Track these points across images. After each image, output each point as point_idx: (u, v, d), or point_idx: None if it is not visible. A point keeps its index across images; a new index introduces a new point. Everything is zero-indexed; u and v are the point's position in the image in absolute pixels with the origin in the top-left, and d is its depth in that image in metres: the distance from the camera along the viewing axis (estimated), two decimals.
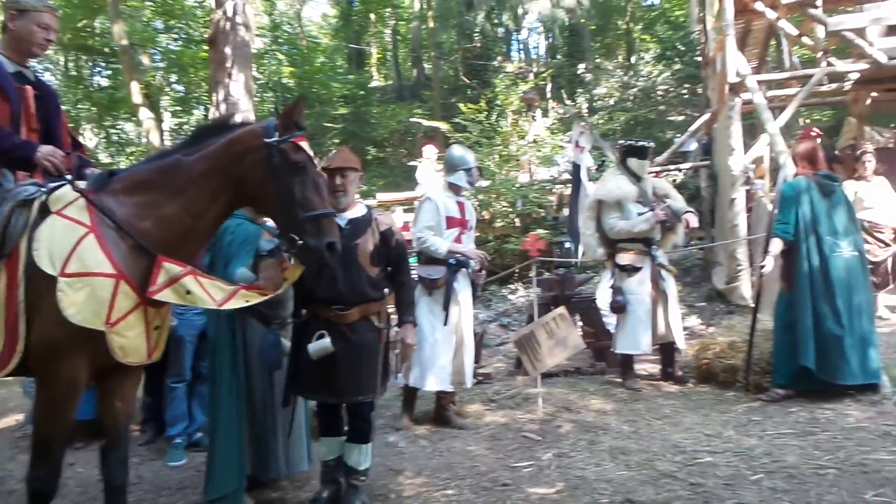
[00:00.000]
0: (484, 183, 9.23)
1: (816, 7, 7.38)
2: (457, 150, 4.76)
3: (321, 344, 2.95)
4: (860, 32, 7.34)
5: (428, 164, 10.22)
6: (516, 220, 9.44)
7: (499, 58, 19.55)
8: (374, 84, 22.25)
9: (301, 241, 2.48)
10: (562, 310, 4.76)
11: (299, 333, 3.10)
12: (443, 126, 12.40)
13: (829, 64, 7.52)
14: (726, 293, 7.31)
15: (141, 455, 4.19)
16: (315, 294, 3.04)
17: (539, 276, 6.13)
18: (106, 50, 17.59)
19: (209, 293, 2.45)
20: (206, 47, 11.24)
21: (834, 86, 8.30)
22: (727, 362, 4.89)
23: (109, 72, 19.28)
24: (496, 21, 18.80)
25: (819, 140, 5.32)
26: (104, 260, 2.31)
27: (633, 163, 5.25)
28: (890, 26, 7.46)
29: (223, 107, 8.91)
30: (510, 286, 8.88)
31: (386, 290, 3.25)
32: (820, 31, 7.53)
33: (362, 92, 19.77)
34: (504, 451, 3.88)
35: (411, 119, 16.43)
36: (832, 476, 3.08)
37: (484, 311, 8.44)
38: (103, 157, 18.50)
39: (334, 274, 2.98)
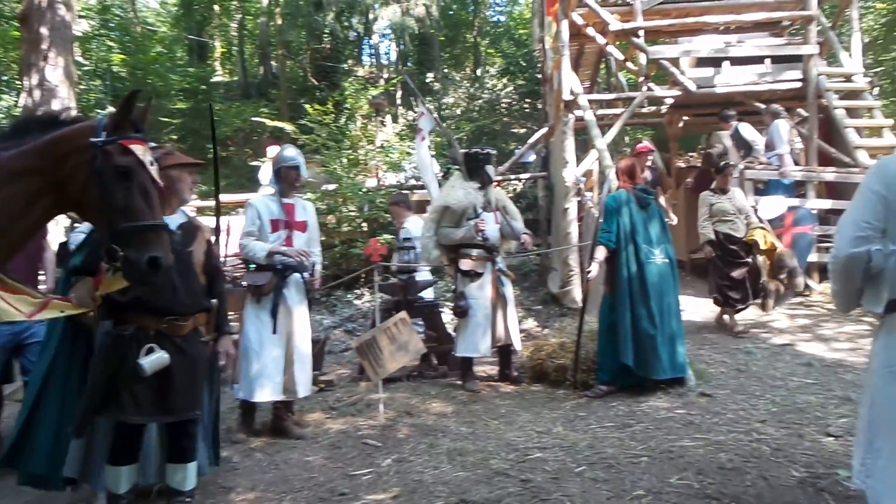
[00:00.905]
0: (330, 186, 9.10)
1: (639, 36, 8.13)
2: (286, 151, 4.62)
3: (158, 357, 2.74)
4: (675, 62, 8.20)
5: (272, 165, 9.87)
6: (363, 224, 9.40)
7: (349, 61, 19.39)
8: (217, 79, 21.14)
9: (122, 254, 2.28)
10: (403, 314, 4.78)
11: (114, 348, 2.77)
12: (289, 127, 12.06)
13: (649, 89, 8.31)
14: (560, 297, 7.77)
15: None
16: (148, 304, 2.80)
17: (384, 281, 6.13)
18: None
19: (14, 306, 2.26)
20: (17, 25, 10.03)
21: (653, 108, 9.18)
22: (558, 362, 5.19)
23: None
24: (346, 24, 18.61)
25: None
26: None
27: (490, 169, 5.44)
28: (699, 58, 8.40)
29: (37, 93, 8.05)
30: (356, 291, 8.80)
31: (213, 301, 3.14)
32: (642, 59, 8.29)
33: (204, 87, 18.68)
34: (343, 460, 3.81)
35: (255, 118, 15.80)
36: (644, 464, 3.36)
37: (329, 316, 8.30)
38: None
39: (173, 283, 2.80)
